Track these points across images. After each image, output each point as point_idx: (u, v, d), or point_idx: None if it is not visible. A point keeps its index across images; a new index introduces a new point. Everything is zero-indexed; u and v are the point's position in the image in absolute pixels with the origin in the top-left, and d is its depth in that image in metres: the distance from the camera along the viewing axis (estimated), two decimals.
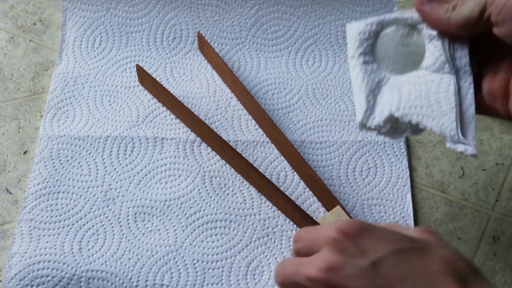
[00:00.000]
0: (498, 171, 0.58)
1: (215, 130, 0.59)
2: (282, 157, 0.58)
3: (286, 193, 0.56)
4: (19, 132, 0.60)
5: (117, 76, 0.63)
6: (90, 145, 0.59)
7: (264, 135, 0.59)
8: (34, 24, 0.67)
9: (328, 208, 0.55)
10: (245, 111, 0.61)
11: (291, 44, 0.65)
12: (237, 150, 0.58)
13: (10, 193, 0.57)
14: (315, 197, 0.56)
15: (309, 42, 0.65)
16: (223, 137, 0.58)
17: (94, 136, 0.59)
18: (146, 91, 0.62)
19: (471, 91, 0.42)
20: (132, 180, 0.57)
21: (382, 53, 0.44)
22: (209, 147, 0.58)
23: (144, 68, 0.63)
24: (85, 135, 0.59)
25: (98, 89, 0.62)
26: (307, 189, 0.57)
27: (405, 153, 0.58)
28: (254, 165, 0.57)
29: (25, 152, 0.59)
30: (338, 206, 0.54)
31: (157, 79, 0.63)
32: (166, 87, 0.62)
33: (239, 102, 0.61)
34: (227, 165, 0.58)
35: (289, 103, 0.61)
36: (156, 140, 0.59)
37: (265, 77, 0.63)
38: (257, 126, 0.60)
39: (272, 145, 0.59)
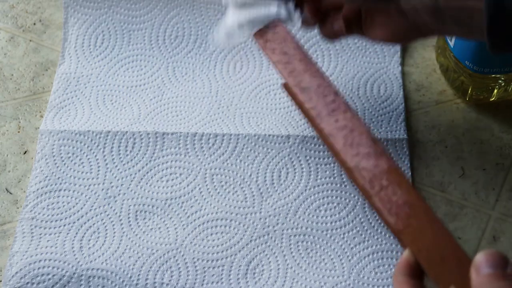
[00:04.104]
0: (498, 171, 0.58)
1: (216, 128, 0.59)
2: (284, 152, 0.58)
3: (287, 191, 0.56)
4: (19, 132, 0.61)
5: (119, 75, 0.63)
6: (91, 140, 0.59)
7: (266, 129, 0.59)
8: (34, 24, 0.67)
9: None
10: (247, 109, 0.61)
11: None
12: (238, 143, 0.58)
13: (10, 193, 0.57)
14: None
15: (311, 42, 0.65)
16: (224, 132, 0.58)
17: (95, 131, 0.59)
18: (148, 90, 0.62)
19: None
20: (133, 178, 0.57)
21: None
22: (208, 142, 0.58)
23: (146, 67, 0.63)
24: (86, 130, 0.59)
25: (100, 88, 0.62)
26: (308, 187, 0.56)
27: (407, 153, 0.58)
28: (256, 161, 0.57)
29: (25, 152, 0.60)
30: None
31: (159, 78, 0.63)
32: (168, 86, 0.62)
33: (241, 101, 0.61)
34: (228, 162, 0.58)
35: (291, 103, 0.61)
36: (157, 136, 0.59)
37: (267, 77, 0.63)
38: (259, 122, 0.60)
39: (274, 139, 0.58)
